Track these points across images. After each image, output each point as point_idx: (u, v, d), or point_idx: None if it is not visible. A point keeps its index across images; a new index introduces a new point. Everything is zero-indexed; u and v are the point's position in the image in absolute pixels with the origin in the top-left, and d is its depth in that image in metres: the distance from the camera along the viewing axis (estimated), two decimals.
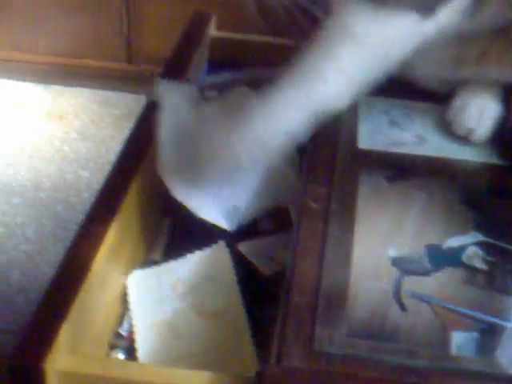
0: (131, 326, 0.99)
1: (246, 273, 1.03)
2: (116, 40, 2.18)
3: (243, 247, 1.07)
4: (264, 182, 1.05)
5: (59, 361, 0.80)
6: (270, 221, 1.12)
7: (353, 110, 1.02)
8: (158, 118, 1.05)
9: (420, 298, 0.83)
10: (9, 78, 2.33)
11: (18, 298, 1.68)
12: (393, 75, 0.93)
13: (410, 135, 1.02)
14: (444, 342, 0.79)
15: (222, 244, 1.03)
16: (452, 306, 0.82)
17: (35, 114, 2.24)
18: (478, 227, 0.90)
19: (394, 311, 0.81)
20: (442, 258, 0.87)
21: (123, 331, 1.00)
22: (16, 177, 2.03)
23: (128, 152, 1.04)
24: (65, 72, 2.30)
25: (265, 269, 1.04)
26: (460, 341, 0.79)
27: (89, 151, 2.12)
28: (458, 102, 1.03)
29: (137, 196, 1.01)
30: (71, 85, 2.32)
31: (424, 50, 0.93)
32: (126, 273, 1.01)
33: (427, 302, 0.82)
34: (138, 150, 1.04)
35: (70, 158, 2.10)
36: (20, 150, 2.11)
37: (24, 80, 2.33)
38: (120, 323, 1.01)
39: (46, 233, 1.89)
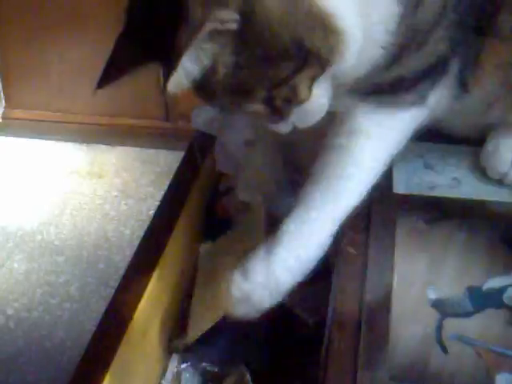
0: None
1: (289, 321, 1.03)
2: (154, 98, 2.21)
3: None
4: None
5: None
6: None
7: None
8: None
9: (463, 340, 0.82)
10: (50, 138, 2.38)
11: (62, 356, 1.69)
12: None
13: (446, 178, 1.02)
14: None
15: None
16: (496, 348, 0.81)
17: (76, 173, 2.28)
18: None
19: (436, 354, 0.81)
20: (484, 300, 0.86)
21: (167, 382, 1.01)
22: (59, 236, 2.06)
23: (167, 204, 1.05)
24: (104, 131, 2.34)
25: (308, 317, 1.04)
26: (506, 382, 0.78)
27: (130, 209, 2.14)
28: (490, 146, 1.03)
29: (177, 247, 1.02)
30: (111, 143, 2.36)
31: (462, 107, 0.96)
32: (166, 324, 1.02)
33: (470, 344, 0.81)
34: (177, 202, 1.06)
35: (111, 216, 2.12)
36: (62, 209, 2.14)
37: (65, 140, 2.37)
38: (163, 374, 1.02)
39: (89, 291, 1.90)
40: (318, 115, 0.87)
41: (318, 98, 0.85)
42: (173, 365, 1.03)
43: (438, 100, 0.94)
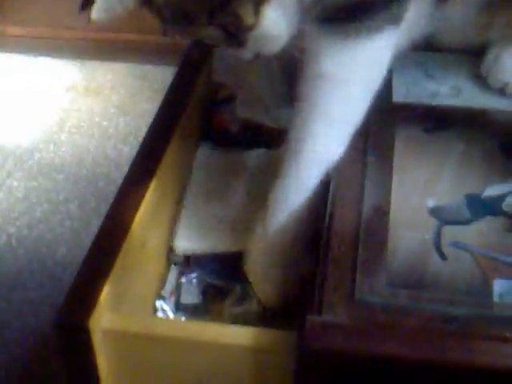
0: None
1: None
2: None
3: None
4: None
5: (103, 319, 0.81)
6: None
7: None
8: None
9: (460, 246, 0.82)
10: (46, 55, 2.35)
11: (64, 273, 1.70)
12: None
13: (446, 87, 1.00)
14: (486, 290, 0.78)
15: None
16: (493, 254, 0.81)
17: (73, 90, 2.25)
18: None
19: (435, 260, 0.81)
20: (482, 207, 0.86)
21: (166, 293, 1.01)
22: (57, 153, 2.05)
23: (162, 116, 1.04)
24: (100, 47, 2.31)
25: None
26: (502, 289, 0.78)
27: (128, 126, 2.12)
28: (491, 55, 1.01)
29: (175, 156, 1.01)
30: (107, 60, 2.33)
31: (451, 22, 0.94)
32: (167, 233, 1.02)
33: (468, 251, 0.82)
34: (173, 114, 1.05)
35: (109, 133, 2.11)
36: (60, 126, 2.13)
37: (61, 57, 2.34)
38: (163, 285, 1.02)
39: (89, 208, 1.90)
40: (279, 41, 0.84)
41: (273, 23, 0.81)
42: (172, 276, 1.04)
43: (415, 19, 0.90)
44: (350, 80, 0.88)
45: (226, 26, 0.80)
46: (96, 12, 0.76)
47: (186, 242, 1.04)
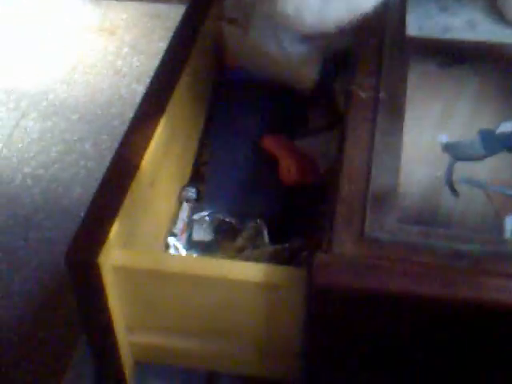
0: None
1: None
2: None
3: (299, 143, 1.08)
4: None
5: (113, 256, 0.81)
6: (321, 118, 1.11)
7: None
8: None
9: (473, 183, 0.81)
10: None
11: (79, 212, 1.70)
12: None
13: (461, 20, 0.98)
14: (498, 227, 0.77)
15: None
16: (506, 191, 0.80)
17: (86, 30, 2.23)
18: None
19: (446, 197, 0.80)
20: (496, 143, 0.85)
21: (177, 230, 1.01)
22: (71, 93, 2.04)
23: (173, 52, 1.03)
24: None
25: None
26: None
27: (142, 65, 2.11)
28: None
29: (185, 95, 1.00)
30: None
31: None
32: (178, 171, 1.02)
33: (481, 187, 0.81)
34: (183, 50, 1.03)
35: (123, 73, 2.09)
36: (73, 66, 2.11)
37: None
38: (174, 223, 1.02)
39: (103, 148, 1.90)
40: None
41: None
42: (184, 214, 1.03)
43: None
44: None
45: None
46: None
47: None
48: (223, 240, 1.00)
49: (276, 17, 1.04)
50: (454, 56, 0.95)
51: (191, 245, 1.01)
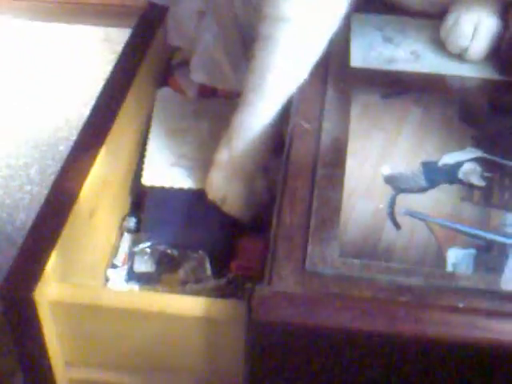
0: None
1: None
2: None
3: None
4: None
5: (49, 290, 0.79)
6: None
7: (344, 27, 0.98)
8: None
9: (415, 215, 0.80)
10: (4, 16, 2.30)
11: (23, 238, 1.68)
12: None
13: (405, 52, 0.98)
14: (440, 260, 0.77)
15: None
16: (448, 223, 0.80)
17: (37, 53, 2.21)
18: (475, 143, 0.88)
19: (388, 230, 0.79)
20: (438, 175, 0.84)
21: (118, 262, 0.99)
22: (17, 117, 2.01)
23: (115, 79, 1.02)
24: (64, 10, 2.27)
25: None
26: (456, 258, 0.77)
27: (90, 89, 2.09)
28: (450, 19, 0.99)
29: (126, 124, 0.99)
30: (71, 22, 2.28)
31: None
32: (118, 201, 1.00)
33: (422, 220, 0.80)
34: (126, 77, 1.02)
35: (71, 97, 2.07)
36: (20, 90, 2.09)
37: (24, 18, 2.30)
38: (115, 254, 1.00)
39: (49, 173, 1.87)
40: None
41: None
42: (125, 245, 1.02)
43: None
44: (306, 20, 0.90)
45: None
46: None
47: (151, 177, 1.04)
48: (165, 272, 0.99)
49: None
50: (397, 87, 0.95)
51: (132, 277, 0.99)
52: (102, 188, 0.92)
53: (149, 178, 1.04)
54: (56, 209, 0.85)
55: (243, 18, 1.05)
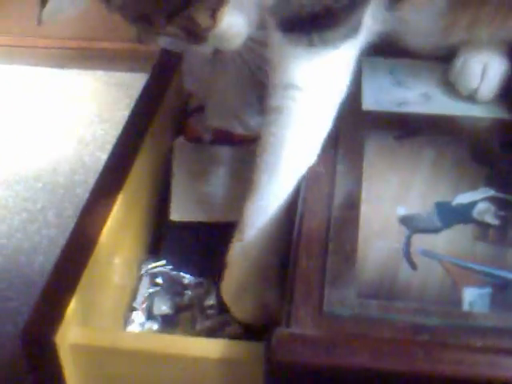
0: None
1: None
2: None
3: None
4: None
5: (70, 334, 0.80)
6: None
7: (356, 71, 1.00)
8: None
9: (430, 255, 0.81)
10: (21, 63, 2.33)
11: (43, 281, 1.69)
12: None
13: (416, 94, 1.00)
14: (456, 299, 0.77)
15: None
16: (464, 263, 0.81)
17: (50, 98, 2.24)
18: (489, 182, 0.89)
19: (405, 270, 0.80)
20: (453, 215, 0.86)
21: (137, 305, 1.00)
22: (34, 162, 2.03)
23: (132, 125, 1.04)
24: (77, 55, 2.30)
25: None
26: (473, 297, 0.78)
27: (106, 133, 2.11)
28: (458, 62, 1.01)
29: (144, 168, 1.00)
30: (85, 68, 2.32)
31: (411, 24, 0.93)
32: (136, 246, 1.01)
33: (438, 260, 0.81)
34: (142, 123, 1.04)
35: (87, 141, 2.09)
36: (37, 134, 2.11)
37: (37, 65, 2.33)
38: (134, 297, 1.01)
39: (66, 216, 1.88)
40: (237, 39, 0.86)
41: (231, 24, 0.83)
42: (143, 288, 1.03)
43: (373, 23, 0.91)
44: (317, 89, 0.89)
45: (184, 27, 0.81)
46: (46, 14, 0.76)
47: (178, 213, 1.06)
48: (182, 312, 1.00)
49: None
50: (409, 129, 0.96)
51: (151, 319, 0.99)
52: (121, 232, 0.94)
53: (176, 214, 1.06)
54: (76, 252, 0.86)
55: (253, 62, 1.06)
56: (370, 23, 0.90)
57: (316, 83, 0.89)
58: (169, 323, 1.00)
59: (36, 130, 2.12)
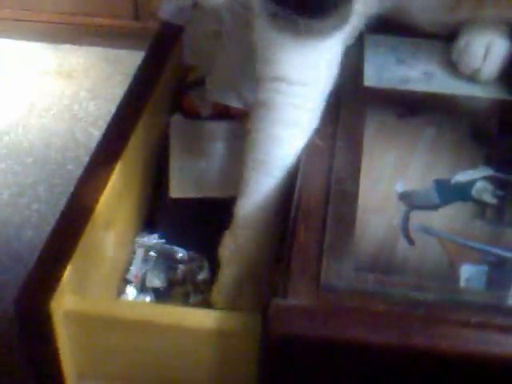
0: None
1: None
2: None
3: None
4: None
5: (65, 301, 0.80)
6: None
7: (358, 48, 1.00)
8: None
9: (428, 231, 0.81)
10: (17, 38, 2.32)
11: (31, 256, 1.68)
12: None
13: (418, 72, 1.00)
14: (453, 276, 0.78)
15: None
16: (461, 240, 0.81)
17: (44, 73, 2.23)
18: (488, 162, 0.89)
19: (402, 245, 0.80)
20: (451, 193, 0.86)
21: (131, 277, 1.00)
22: (26, 136, 2.02)
23: (130, 97, 1.03)
24: (73, 31, 2.29)
25: None
26: (469, 274, 0.78)
27: (99, 109, 2.10)
28: (462, 42, 1.01)
29: (141, 141, 1.00)
30: (79, 43, 2.30)
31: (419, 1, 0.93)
32: (131, 219, 1.01)
33: (436, 236, 0.81)
34: (141, 95, 1.03)
35: (79, 117, 2.09)
36: (30, 109, 2.10)
37: (32, 40, 2.32)
38: (127, 270, 1.01)
39: (57, 192, 1.88)
40: None
41: None
42: (138, 261, 1.02)
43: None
44: (304, 81, 0.89)
45: None
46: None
47: (178, 190, 1.06)
48: (175, 286, 1.00)
49: None
50: (410, 107, 0.96)
51: (144, 291, 0.99)
52: (117, 203, 0.93)
53: (176, 191, 1.06)
54: (72, 221, 0.86)
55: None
56: (362, 10, 0.90)
57: (303, 75, 0.88)
58: (161, 296, 1.00)
59: (29, 106, 2.11)
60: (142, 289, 1.00)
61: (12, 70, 2.23)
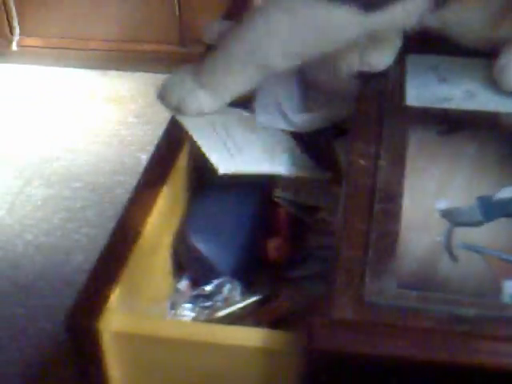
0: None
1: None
2: (169, 23, 2.19)
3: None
4: None
5: (113, 321, 0.81)
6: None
7: (400, 67, 1.01)
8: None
9: (471, 248, 0.81)
10: (65, 66, 2.37)
11: (80, 280, 1.71)
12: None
13: (459, 90, 1.00)
14: (496, 291, 0.77)
15: None
16: (504, 256, 0.81)
17: (93, 100, 2.27)
18: None
19: (445, 262, 0.80)
20: (494, 210, 0.86)
21: (182, 287, 1.01)
22: (76, 162, 2.07)
23: (177, 122, 1.05)
24: (120, 57, 2.33)
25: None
26: None
27: (146, 134, 2.14)
28: (502, 59, 1.01)
29: (186, 162, 1.02)
30: (127, 70, 2.35)
31: (460, 12, 0.94)
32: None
33: (479, 252, 0.81)
34: None
35: (128, 142, 2.12)
36: (79, 135, 2.14)
37: (80, 67, 2.36)
38: (178, 281, 1.02)
39: (106, 216, 1.91)
40: None
41: None
42: (185, 280, 1.04)
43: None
44: (305, 21, 0.93)
45: None
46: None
47: (223, 167, 1.01)
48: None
49: None
50: (452, 124, 0.96)
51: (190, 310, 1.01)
52: (164, 226, 0.95)
53: (222, 168, 1.00)
54: (121, 243, 0.88)
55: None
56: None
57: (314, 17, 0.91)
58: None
59: (77, 131, 2.15)
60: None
61: (61, 97, 2.28)
